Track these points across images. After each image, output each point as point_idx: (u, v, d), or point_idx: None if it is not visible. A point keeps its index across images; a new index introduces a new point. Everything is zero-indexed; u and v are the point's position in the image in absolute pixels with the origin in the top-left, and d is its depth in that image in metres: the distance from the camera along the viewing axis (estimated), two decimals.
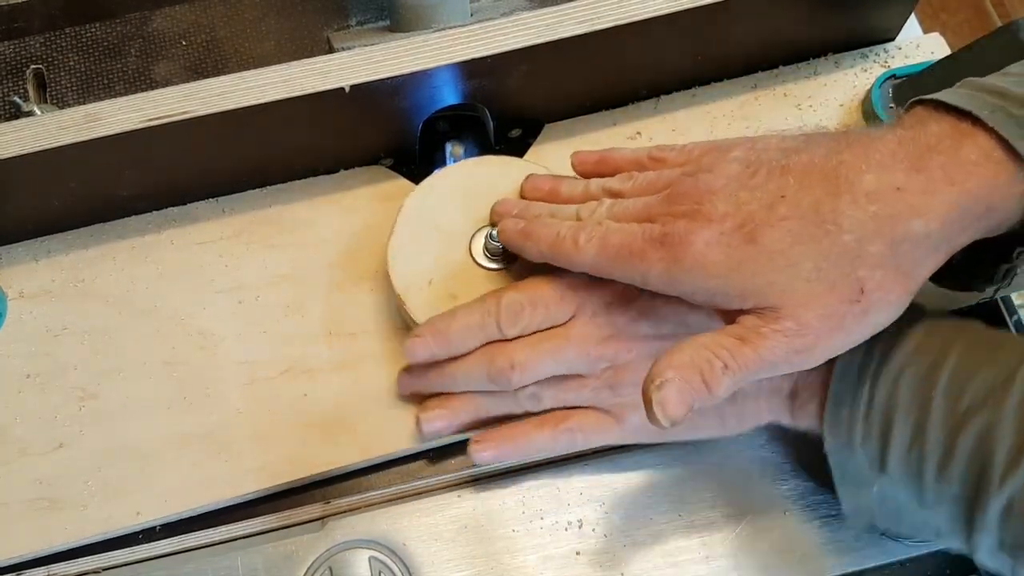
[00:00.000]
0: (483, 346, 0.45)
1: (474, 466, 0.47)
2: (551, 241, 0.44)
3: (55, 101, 0.58)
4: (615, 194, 0.45)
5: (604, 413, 0.45)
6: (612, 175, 0.47)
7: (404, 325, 0.50)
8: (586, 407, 0.45)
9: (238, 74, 0.46)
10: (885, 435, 0.39)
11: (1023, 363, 0.38)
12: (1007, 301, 0.52)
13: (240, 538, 0.47)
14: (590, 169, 0.49)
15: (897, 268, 0.37)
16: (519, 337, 0.44)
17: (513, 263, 0.48)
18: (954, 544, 0.40)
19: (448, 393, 0.47)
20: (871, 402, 0.40)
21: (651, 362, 0.41)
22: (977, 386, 0.38)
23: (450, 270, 0.48)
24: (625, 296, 0.43)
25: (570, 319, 0.44)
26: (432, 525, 0.46)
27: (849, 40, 0.57)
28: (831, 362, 0.41)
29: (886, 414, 0.39)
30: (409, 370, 0.48)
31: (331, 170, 0.55)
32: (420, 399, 0.48)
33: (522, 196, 0.49)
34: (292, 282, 0.52)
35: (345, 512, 0.47)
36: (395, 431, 0.48)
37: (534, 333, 0.44)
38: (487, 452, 0.45)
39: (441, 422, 0.46)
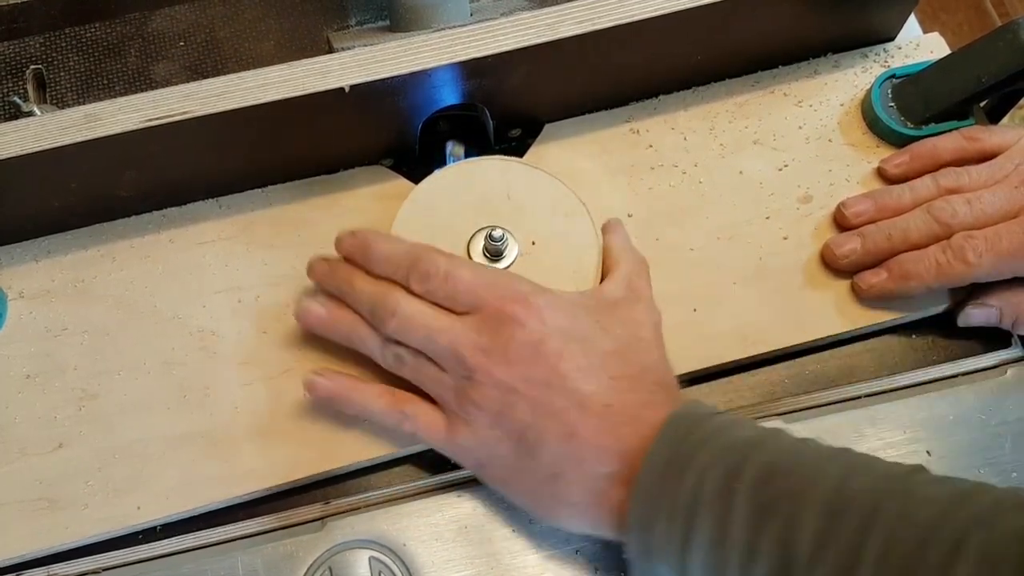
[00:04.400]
0: (388, 281, 0.45)
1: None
2: (935, 271, 0.47)
3: (55, 101, 0.58)
4: (953, 190, 0.49)
5: (442, 415, 0.44)
6: (932, 169, 0.51)
7: None
8: (433, 401, 0.45)
9: (238, 74, 0.46)
10: (687, 536, 0.38)
11: (828, 461, 0.38)
12: None
13: (240, 538, 0.47)
14: (906, 169, 0.52)
15: None
16: (420, 297, 0.44)
17: (510, 266, 0.48)
18: None
19: (337, 301, 0.47)
20: (675, 499, 0.38)
21: (501, 395, 0.42)
22: (781, 482, 0.37)
23: None
24: (520, 326, 0.42)
25: (466, 312, 0.44)
26: (432, 525, 0.46)
27: (849, 40, 0.57)
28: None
29: (689, 511, 0.38)
30: (327, 261, 0.48)
31: (331, 170, 0.55)
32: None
33: (844, 226, 0.51)
34: (292, 282, 0.52)
35: (345, 512, 0.47)
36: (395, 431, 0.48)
37: (432, 304, 0.44)
38: (321, 387, 0.46)
39: (314, 317, 0.47)
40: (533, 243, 0.49)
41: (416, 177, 0.52)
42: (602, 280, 0.48)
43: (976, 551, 0.33)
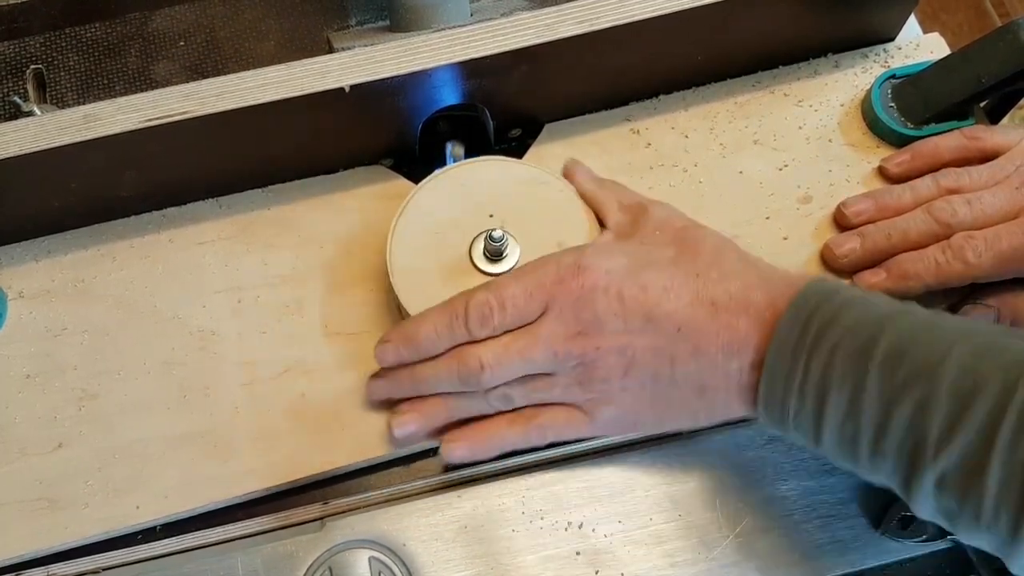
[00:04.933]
0: (453, 347, 0.44)
1: (450, 467, 0.47)
2: (934, 271, 0.47)
3: (55, 101, 0.58)
4: (953, 190, 0.49)
5: (575, 409, 0.45)
6: (933, 169, 0.51)
7: None
8: (557, 403, 0.45)
9: (238, 74, 0.46)
10: (819, 410, 0.39)
11: (959, 341, 0.38)
12: None
13: (240, 538, 0.47)
14: (908, 168, 0.52)
15: None
16: (490, 337, 0.44)
17: (512, 267, 0.48)
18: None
19: (419, 397, 0.46)
20: (805, 376, 0.39)
21: (619, 359, 0.42)
22: (912, 361, 0.37)
23: (449, 270, 0.48)
24: (592, 293, 0.43)
25: (540, 316, 0.44)
26: (432, 525, 0.46)
27: (849, 40, 0.57)
28: None
29: (820, 389, 0.39)
30: (380, 374, 0.47)
31: (331, 170, 0.55)
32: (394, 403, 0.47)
33: (844, 226, 0.51)
34: (292, 282, 0.52)
35: (345, 512, 0.47)
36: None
37: (504, 333, 0.44)
38: (460, 450, 0.45)
39: (414, 425, 0.46)
40: (511, 218, 0.49)
41: (416, 177, 0.52)
42: (599, 221, 0.49)
43: None
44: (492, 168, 0.51)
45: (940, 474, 0.36)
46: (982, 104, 0.55)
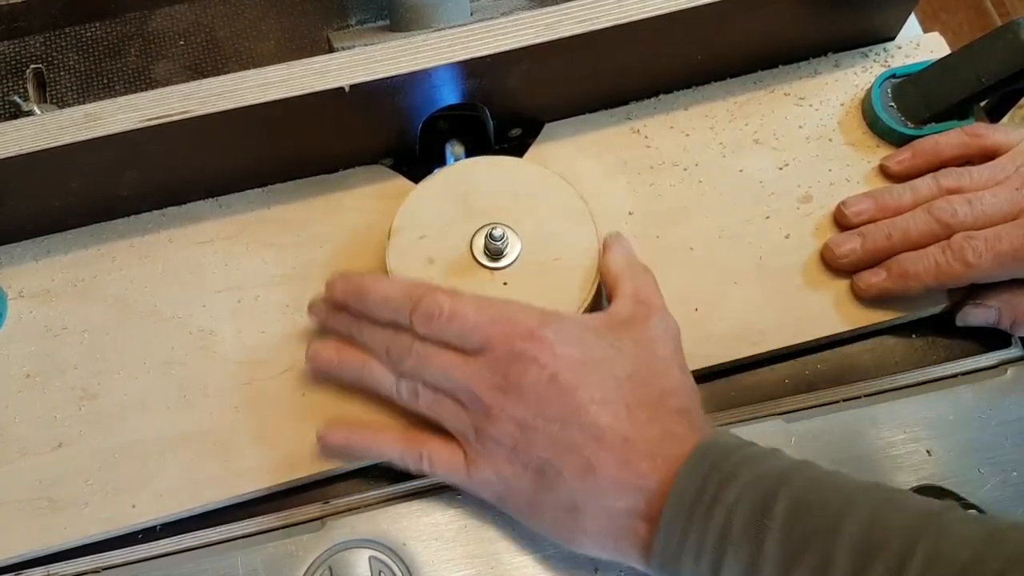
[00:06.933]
0: (393, 326, 0.45)
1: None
2: (934, 271, 0.47)
3: (55, 101, 0.58)
4: (954, 190, 0.49)
5: (459, 451, 0.44)
6: (934, 167, 0.51)
7: None
8: (448, 436, 0.45)
9: (237, 74, 0.46)
10: (716, 571, 0.38)
11: (858, 496, 0.37)
12: None
13: (240, 538, 0.47)
14: (909, 166, 0.52)
15: None
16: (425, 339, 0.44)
17: (512, 264, 0.48)
18: None
19: (346, 343, 0.47)
20: (703, 536, 0.38)
21: (518, 431, 0.42)
22: (811, 519, 0.36)
23: (449, 270, 0.48)
24: (531, 363, 0.42)
25: (477, 351, 0.43)
26: (432, 525, 0.46)
27: (849, 39, 0.57)
28: None
29: (718, 547, 0.37)
30: (327, 302, 0.48)
31: (331, 170, 0.55)
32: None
33: (844, 225, 0.51)
34: (292, 282, 0.52)
35: (345, 512, 0.47)
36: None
37: (439, 343, 0.44)
38: (337, 438, 0.45)
39: (325, 360, 0.47)
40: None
41: (416, 177, 0.52)
42: (608, 299, 0.48)
43: None
44: (492, 167, 0.51)
45: None
46: (982, 104, 0.55)
